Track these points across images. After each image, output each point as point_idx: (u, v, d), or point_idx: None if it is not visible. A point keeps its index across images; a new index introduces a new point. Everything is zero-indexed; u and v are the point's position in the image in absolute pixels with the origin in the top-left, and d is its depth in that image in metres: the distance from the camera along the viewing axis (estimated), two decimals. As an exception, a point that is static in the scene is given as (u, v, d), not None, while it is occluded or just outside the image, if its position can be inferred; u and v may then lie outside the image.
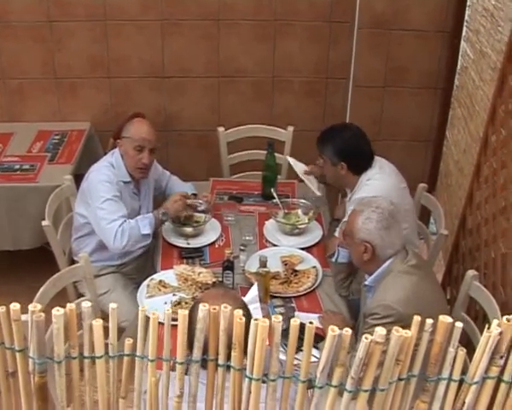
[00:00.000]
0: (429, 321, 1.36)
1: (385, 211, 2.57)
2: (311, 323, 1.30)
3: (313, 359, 1.47)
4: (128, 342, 1.42)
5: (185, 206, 3.41)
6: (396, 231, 2.58)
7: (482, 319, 2.86)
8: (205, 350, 1.44)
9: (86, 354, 1.43)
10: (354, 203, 2.95)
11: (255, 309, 2.62)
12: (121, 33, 4.33)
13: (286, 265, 3.18)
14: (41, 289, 2.67)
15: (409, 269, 2.55)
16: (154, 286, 3.03)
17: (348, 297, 3.03)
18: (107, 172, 3.28)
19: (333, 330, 1.28)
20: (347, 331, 1.31)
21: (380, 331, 1.30)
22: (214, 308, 1.34)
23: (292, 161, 3.60)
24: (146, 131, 3.31)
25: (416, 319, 1.36)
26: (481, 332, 1.44)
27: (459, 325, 1.37)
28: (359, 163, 3.21)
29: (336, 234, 3.18)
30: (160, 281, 3.06)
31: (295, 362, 1.43)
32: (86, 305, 1.36)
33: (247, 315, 1.41)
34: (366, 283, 2.69)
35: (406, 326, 1.39)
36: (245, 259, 3.19)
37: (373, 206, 2.59)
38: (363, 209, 2.61)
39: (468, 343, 2.52)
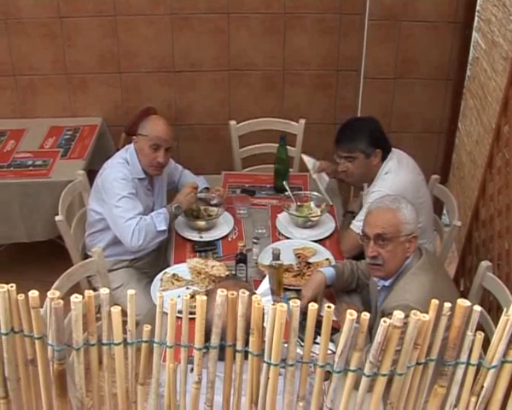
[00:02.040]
0: (447, 305, 1.36)
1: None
2: (329, 307, 1.30)
3: (328, 352, 1.47)
4: (146, 328, 1.42)
5: (196, 196, 3.41)
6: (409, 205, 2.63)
7: (496, 311, 2.85)
8: (222, 338, 1.44)
9: (104, 341, 1.44)
10: (372, 198, 2.95)
11: (267, 302, 2.62)
12: (131, 28, 4.34)
13: (299, 257, 3.17)
14: (55, 283, 2.68)
15: (424, 266, 2.55)
16: (167, 280, 3.03)
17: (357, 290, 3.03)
18: (122, 169, 3.28)
19: (351, 314, 1.28)
20: (365, 315, 1.31)
21: (398, 315, 1.30)
22: (232, 294, 1.35)
23: (306, 158, 3.61)
24: (163, 130, 3.29)
25: (434, 302, 1.36)
26: (495, 323, 1.43)
27: (477, 308, 1.37)
28: (388, 146, 3.23)
29: (352, 227, 3.17)
30: (174, 275, 3.06)
31: (311, 354, 1.43)
32: (104, 291, 1.37)
33: None
34: (386, 284, 2.66)
35: None
36: (258, 252, 3.19)
37: (401, 199, 2.62)
38: (398, 206, 2.59)
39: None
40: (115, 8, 4.27)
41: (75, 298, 1.34)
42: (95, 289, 3.18)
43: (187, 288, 2.99)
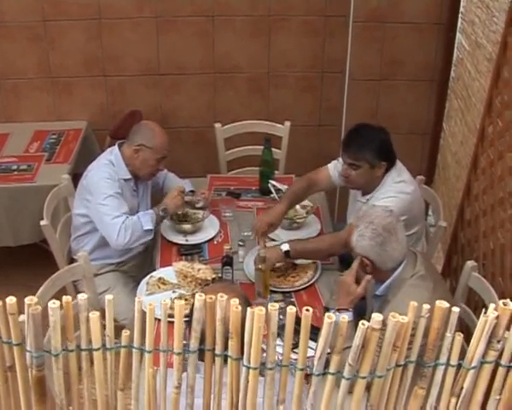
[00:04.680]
0: (426, 306, 1.36)
1: (378, 226, 2.50)
2: (307, 310, 1.30)
3: (312, 352, 1.47)
4: (125, 334, 1.42)
5: (183, 200, 3.41)
6: (393, 245, 2.50)
7: (481, 310, 2.85)
8: (202, 341, 1.44)
9: (83, 346, 1.43)
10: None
11: None
12: (116, 31, 4.32)
13: (286, 258, 3.17)
14: (41, 289, 2.67)
15: (423, 276, 2.51)
16: (153, 283, 3.02)
17: None
18: (107, 169, 3.28)
19: (329, 318, 1.28)
20: (344, 319, 1.31)
21: (376, 318, 1.30)
22: (210, 298, 1.34)
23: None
24: (167, 141, 3.36)
25: (412, 304, 1.36)
26: (480, 323, 1.44)
27: (456, 309, 1.37)
28: (394, 159, 3.17)
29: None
30: (160, 278, 3.05)
31: (294, 356, 1.43)
32: (82, 297, 1.36)
33: (245, 306, 1.40)
34: (377, 293, 2.63)
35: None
36: (244, 254, 3.19)
37: (366, 221, 2.53)
38: (358, 224, 2.55)
39: (468, 334, 2.52)
40: (100, 11, 4.25)
41: (53, 304, 1.33)
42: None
43: (173, 291, 2.98)
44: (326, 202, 3.74)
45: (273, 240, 3.34)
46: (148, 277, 3.07)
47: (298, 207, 3.52)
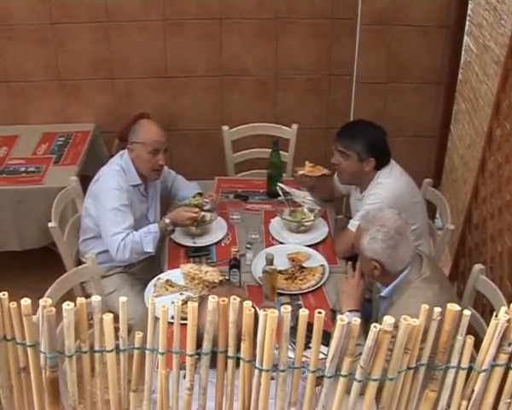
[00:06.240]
0: (437, 309, 1.37)
1: (390, 229, 2.51)
2: (319, 313, 1.30)
3: (323, 356, 1.48)
4: (138, 335, 1.42)
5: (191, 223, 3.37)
6: (404, 248, 2.52)
7: (489, 313, 2.86)
8: (213, 344, 1.45)
9: (97, 347, 1.44)
10: (370, 200, 3.08)
11: None
12: (123, 34, 4.34)
13: (293, 261, 3.18)
14: (48, 290, 2.67)
15: (428, 278, 2.51)
16: (161, 286, 3.03)
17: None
18: (117, 177, 3.25)
19: (341, 320, 1.28)
20: (356, 321, 1.32)
21: (388, 320, 1.31)
22: (223, 300, 1.35)
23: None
24: (157, 133, 3.30)
25: (424, 307, 1.37)
26: (489, 326, 1.44)
27: (467, 313, 1.38)
28: (385, 159, 3.23)
29: (350, 226, 3.19)
30: (167, 280, 3.06)
31: (303, 359, 1.43)
32: (96, 299, 1.37)
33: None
34: (382, 294, 2.64)
35: None
36: (251, 257, 3.19)
37: (378, 224, 2.53)
38: (368, 228, 2.55)
39: (476, 337, 2.52)
40: (107, 13, 4.27)
41: (67, 305, 1.34)
42: (88, 296, 3.18)
43: (180, 294, 2.98)
44: (332, 206, 3.75)
45: (281, 243, 3.35)
46: (156, 279, 3.08)
47: (306, 210, 3.53)
